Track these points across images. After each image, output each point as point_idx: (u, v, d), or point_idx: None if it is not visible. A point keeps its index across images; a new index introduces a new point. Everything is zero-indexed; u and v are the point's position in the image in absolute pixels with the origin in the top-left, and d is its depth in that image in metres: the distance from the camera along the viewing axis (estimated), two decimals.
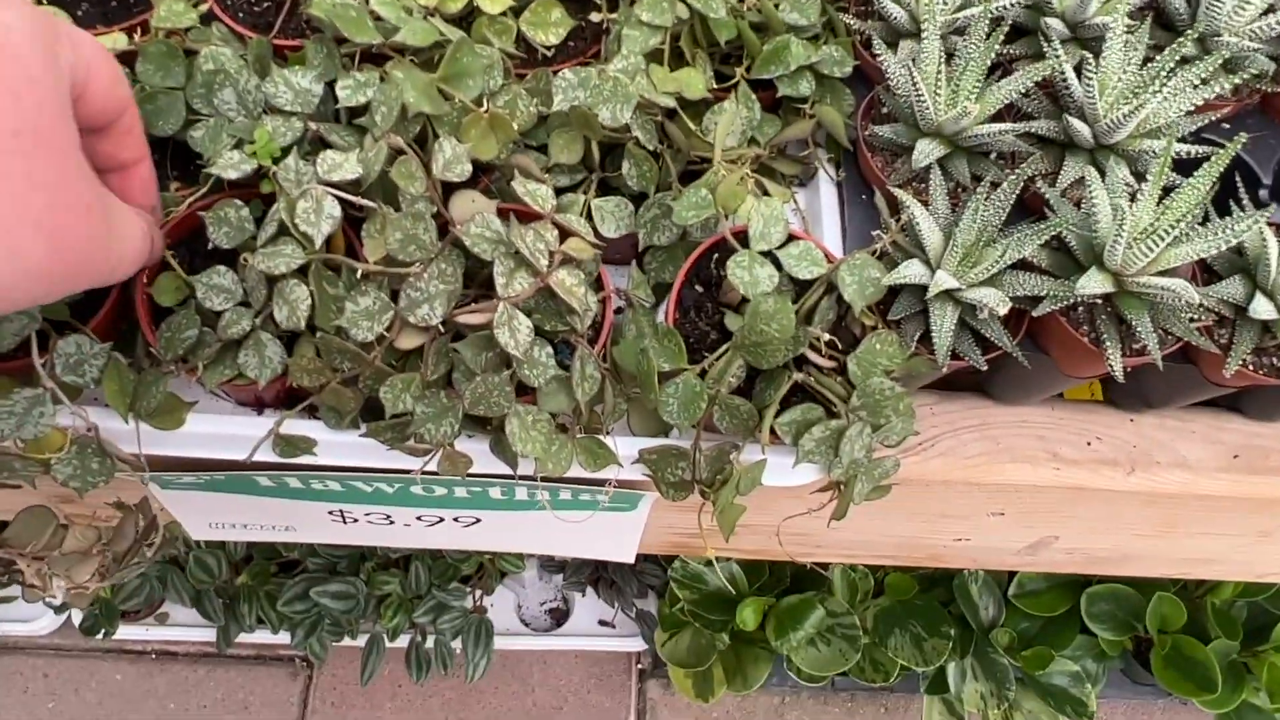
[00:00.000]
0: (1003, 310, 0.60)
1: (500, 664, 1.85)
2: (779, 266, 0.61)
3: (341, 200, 0.57)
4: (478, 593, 1.73)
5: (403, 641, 1.64)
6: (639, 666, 1.89)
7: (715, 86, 0.69)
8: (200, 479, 0.74)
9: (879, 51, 0.68)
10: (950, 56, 0.68)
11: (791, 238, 0.62)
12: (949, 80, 0.66)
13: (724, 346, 0.60)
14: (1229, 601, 1.62)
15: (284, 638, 1.64)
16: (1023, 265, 0.65)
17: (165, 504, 0.79)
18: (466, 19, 0.69)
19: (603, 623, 1.84)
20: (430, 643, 1.66)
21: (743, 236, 0.62)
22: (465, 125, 0.62)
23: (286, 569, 1.67)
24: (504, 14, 0.69)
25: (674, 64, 0.68)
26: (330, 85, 0.62)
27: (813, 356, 0.61)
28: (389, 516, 0.86)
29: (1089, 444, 0.79)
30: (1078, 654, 1.66)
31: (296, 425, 0.63)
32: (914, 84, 0.64)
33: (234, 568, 1.62)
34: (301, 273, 0.57)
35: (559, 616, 1.88)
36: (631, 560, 0.98)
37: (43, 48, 0.43)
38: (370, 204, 0.57)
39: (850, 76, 0.73)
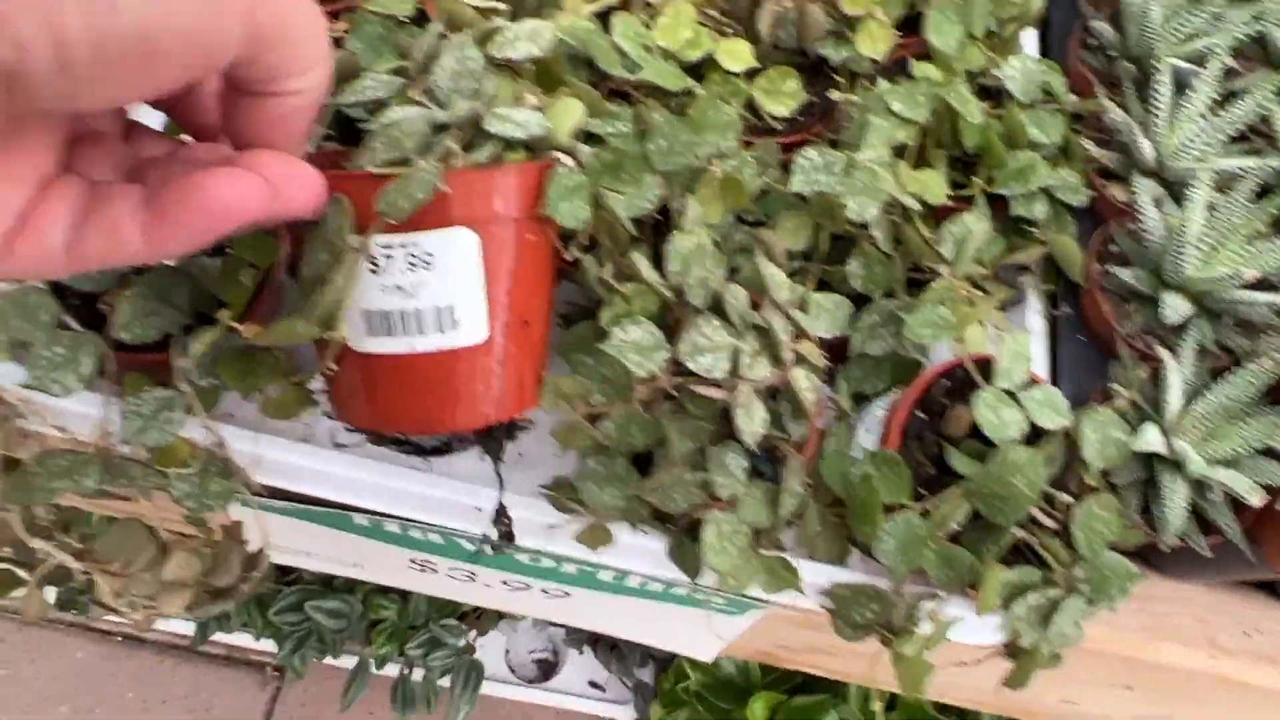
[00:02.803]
0: (1256, 501, 0.55)
1: (480, 708, 1.76)
2: (1020, 408, 0.56)
3: None
4: (472, 632, 1.65)
5: (387, 670, 1.55)
6: None
7: (948, 192, 0.64)
8: (293, 507, 0.67)
9: (1137, 191, 0.63)
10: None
11: (1031, 379, 0.57)
12: (1213, 235, 0.61)
13: (954, 490, 0.54)
14: None
15: (260, 644, 1.56)
16: (1265, 450, 0.59)
17: (235, 517, 0.72)
18: (697, 70, 0.63)
19: (593, 684, 1.76)
20: (418, 677, 1.58)
21: (981, 367, 0.56)
22: (700, 183, 0.56)
23: (280, 572, 1.58)
24: (737, 74, 0.63)
25: (912, 162, 0.63)
26: None
27: (1037, 513, 0.55)
28: (473, 574, 0.79)
29: (1247, 634, 0.73)
30: None
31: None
32: (1180, 233, 0.59)
33: None
34: None
35: (546, 669, 1.80)
36: (710, 660, 0.91)
37: None
38: None
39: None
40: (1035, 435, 0.57)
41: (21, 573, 0.63)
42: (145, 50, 0.29)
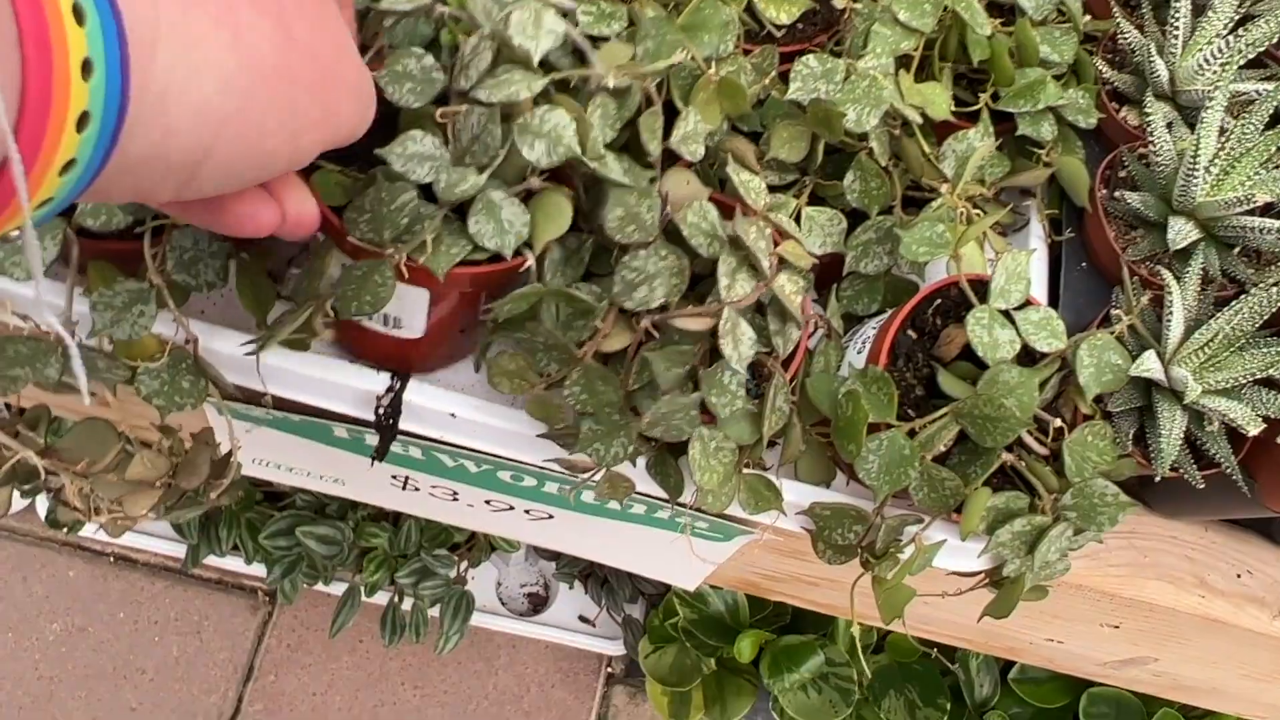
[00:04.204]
0: (1254, 431, 0.53)
1: (468, 639, 1.76)
2: (1015, 329, 0.54)
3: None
4: (463, 564, 1.65)
5: (378, 599, 1.56)
6: (608, 670, 1.82)
7: (953, 108, 0.61)
8: (271, 415, 0.66)
9: (1149, 111, 0.60)
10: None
11: (1027, 301, 0.55)
12: (1224, 160, 0.58)
13: (942, 410, 0.52)
14: None
15: (250, 568, 1.56)
16: (1262, 381, 0.58)
17: (215, 429, 0.71)
18: None
19: (583, 619, 1.77)
20: (407, 606, 1.58)
21: (974, 286, 0.54)
22: (696, 87, 0.54)
23: (271, 499, 1.58)
24: None
25: (916, 75, 0.60)
26: None
27: (1027, 438, 0.54)
28: (456, 494, 0.78)
29: (1239, 576, 0.72)
30: None
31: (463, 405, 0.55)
32: (1193, 156, 0.56)
33: None
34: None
35: (536, 602, 1.80)
36: (693, 588, 0.90)
37: None
38: (582, 72, 0.48)
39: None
40: (1030, 360, 0.56)
41: None
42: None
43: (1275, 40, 0.63)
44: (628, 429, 0.50)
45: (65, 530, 1.51)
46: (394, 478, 0.77)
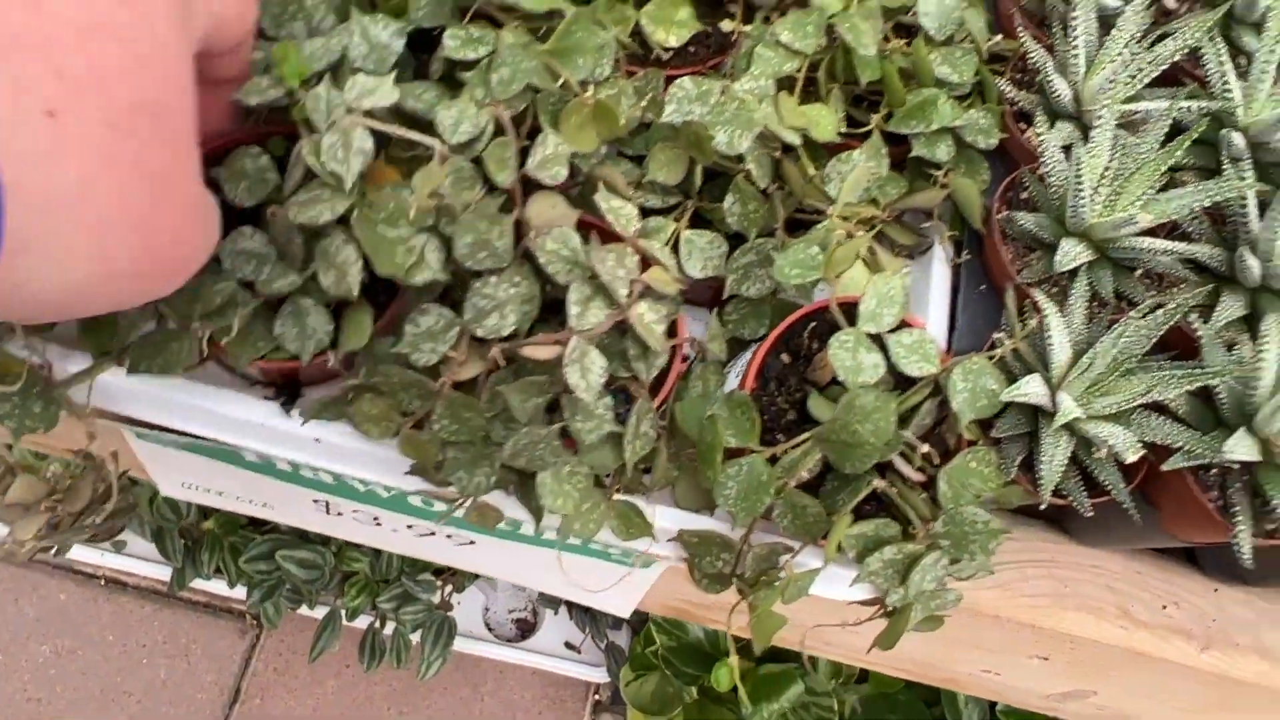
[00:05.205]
0: (1132, 457, 0.52)
1: (455, 664, 1.76)
2: (884, 353, 0.53)
3: (380, 133, 0.47)
4: (447, 588, 1.64)
5: (361, 623, 1.56)
6: (595, 698, 1.80)
7: (844, 130, 0.60)
8: (180, 439, 0.66)
9: (1040, 131, 0.59)
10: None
11: (903, 324, 0.54)
12: (1113, 180, 0.57)
13: (804, 435, 0.51)
14: None
15: (239, 592, 1.56)
16: (1154, 406, 0.56)
17: (138, 454, 0.71)
18: None
19: (569, 645, 1.76)
20: (388, 631, 1.58)
21: (848, 309, 0.53)
22: (567, 111, 0.53)
23: (256, 523, 1.59)
24: (626, 0, 0.60)
25: (803, 96, 0.60)
26: (414, 43, 0.53)
27: (900, 465, 0.53)
28: (377, 519, 0.78)
29: (1164, 608, 0.70)
30: None
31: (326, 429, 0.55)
32: (1077, 176, 0.55)
33: (202, 511, 1.53)
34: (345, 223, 0.48)
35: (525, 628, 1.80)
36: (627, 616, 0.89)
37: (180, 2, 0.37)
38: (417, 136, 0.48)
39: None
40: (909, 386, 0.54)
41: None
42: None
43: (1185, 56, 0.62)
44: (490, 459, 0.50)
45: (54, 552, 1.52)
46: (315, 501, 0.77)
